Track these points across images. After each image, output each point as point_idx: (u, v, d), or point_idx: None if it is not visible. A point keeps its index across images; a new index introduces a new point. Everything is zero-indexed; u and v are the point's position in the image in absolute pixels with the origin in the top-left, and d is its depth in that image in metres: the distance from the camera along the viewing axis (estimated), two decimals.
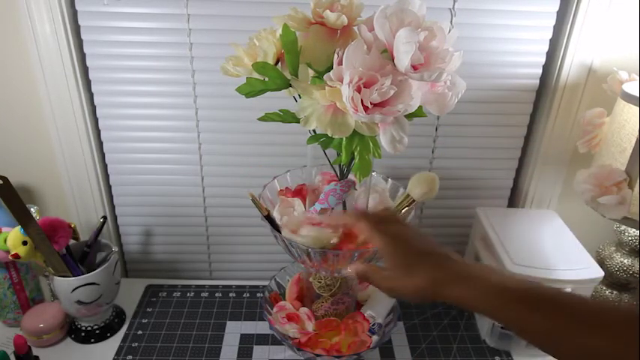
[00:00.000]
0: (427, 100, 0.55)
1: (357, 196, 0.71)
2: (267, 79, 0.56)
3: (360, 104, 0.48)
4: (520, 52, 0.88)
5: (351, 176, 0.66)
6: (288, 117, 0.57)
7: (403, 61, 0.47)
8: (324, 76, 0.52)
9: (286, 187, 0.75)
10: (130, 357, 0.83)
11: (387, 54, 0.50)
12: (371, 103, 0.49)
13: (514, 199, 1.03)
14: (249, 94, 0.58)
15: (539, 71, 0.90)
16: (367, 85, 0.48)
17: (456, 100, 0.56)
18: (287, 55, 0.55)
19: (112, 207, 1.02)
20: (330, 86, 0.51)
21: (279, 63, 0.58)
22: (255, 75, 0.56)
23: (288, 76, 0.56)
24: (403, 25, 0.48)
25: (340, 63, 0.50)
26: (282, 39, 0.54)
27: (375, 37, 0.50)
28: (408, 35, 0.46)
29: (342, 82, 0.49)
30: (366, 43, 0.51)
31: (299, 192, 0.73)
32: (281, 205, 0.71)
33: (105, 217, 0.89)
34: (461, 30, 0.55)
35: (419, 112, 0.56)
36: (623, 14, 0.83)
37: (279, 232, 0.65)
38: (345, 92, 0.48)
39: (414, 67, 0.48)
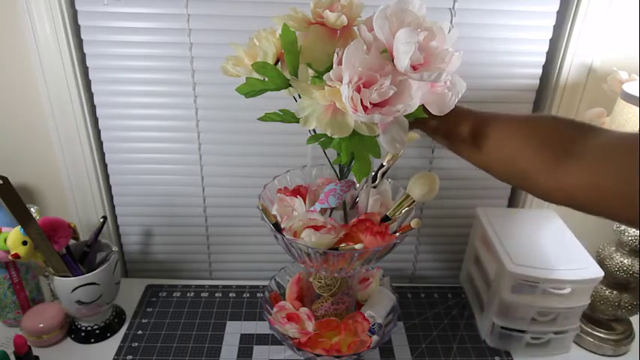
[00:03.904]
0: (427, 100, 0.55)
1: (357, 195, 0.71)
2: (266, 79, 0.56)
3: (360, 104, 0.48)
4: (520, 52, 0.88)
5: (351, 176, 0.66)
6: (288, 117, 0.57)
7: (403, 61, 0.47)
8: (324, 76, 0.52)
9: (285, 187, 0.75)
10: (130, 357, 0.83)
11: (387, 54, 0.50)
12: (370, 103, 0.49)
13: (514, 199, 1.03)
14: (249, 94, 0.58)
15: (539, 71, 0.90)
16: (367, 85, 0.48)
17: (456, 100, 0.56)
18: (287, 55, 0.55)
19: (112, 207, 1.02)
20: (330, 86, 0.51)
21: (279, 63, 0.57)
22: (255, 75, 0.56)
23: (288, 76, 0.55)
24: (403, 25, 0.48)
25: (340, 63, 0.50)
26: (282, 39, 0.54)
27: (374, 37, 0.50)
28: (407, 35, 0.46)
29: (341, 82, 0.49)
30: (366, 43, 0.51)
31: (297, 191, 0.73)
32: (279, 205, 0.70)
33: (105, 217, 0.89)
34: (461, 30, 0.55)
35: (419, 112, 0.56)
36: (623, 14, 0.83)
37: (281, 233, 0.65)
38: (344, 92, 0.48)
39: (414, 67, 0.48)
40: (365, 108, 0.48)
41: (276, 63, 0.57)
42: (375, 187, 0.71)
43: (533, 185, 0.50)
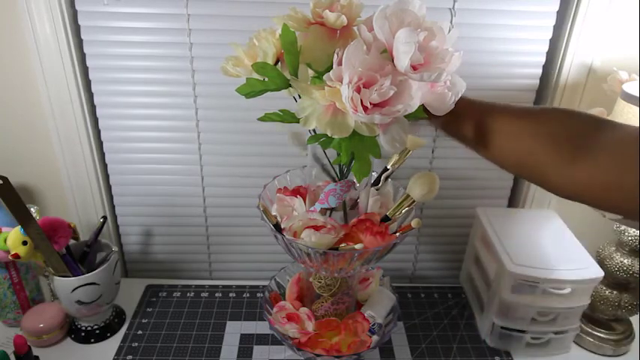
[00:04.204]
0: (427, 100, 0.55)
1: (357, 195, 0.71)
2: (266, 79, 0.56)
3: (360, 104, 0.48)
4: (520, 52, 0.88)
5: (351, 176, 0.66)
6: (288, 117, 0.57)
7: (402, 61, 0.47)
8: (324, 77, 0.52)
9: (284, 187, 0.75)
10: (130, 357, 0.83)
11: (387, 54, 0.50)
12: (370, 104, 0.49)
13: (514, 199, 1.03)
14: (249, 95, 0.58)
15: (539, 71, 0.90)
16: (367, 86, 0.48)
17: (456, 100, 0.56)
18: (287, 56, 0.55)
19: (112, 207, 1.02)
20: (330, 86, 0.51)
21: (279, 63, 0.57)
22: (255, 75, 0.56)
23: (288, 77, 0.55)
24: (403, 25, 0.48)
25: (340, 63, 0.50)
26: (281, 39, 0.54)
27: (374, 37, 0.50)
28: (407, 35, 0.46)
29: (341, 82, 0.49)
30: (366, 44, 0.51)
31: (296, 191, 0.73)
32: (279, 205, 0.70)
33: (105, 217, 0.89)
34: (461, 30, 0.55)
35: (419, 112, 0.56)
36: (623, 14, 0.83)
37: (281, 233, 0.65)
38: (344, 92, 0.48)
39: (414, 67, 0.48)
40: (365, 108, 0.48)
41: (276, 63, 0.57)
42: (378, 190, 0.71)
43: (546, 180, 0.49)
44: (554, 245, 0.87)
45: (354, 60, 0.48)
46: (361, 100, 0.48)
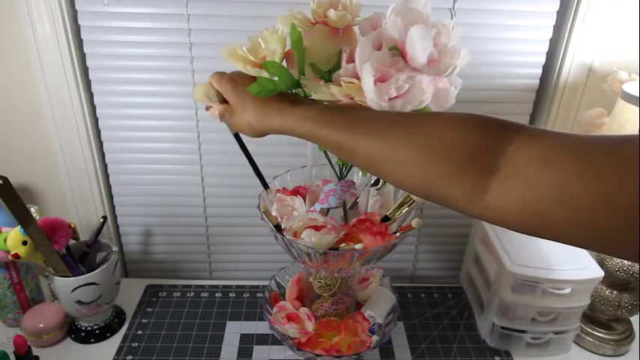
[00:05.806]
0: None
1: (358, 195, 0.71)
2: (277, 78, 0.56)
3: (386, 94, 0.48)
4: (520, 52, 0.88)
5: (351, 176, 0.66)
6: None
7: (421, 57, 0.47)
8: (340, 73, 0.51)
9: (283, 187, 0.75)
10: (130, 357, 0.83)
11: (395, 50, 0.50)
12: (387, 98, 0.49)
13: None
14: (260, 95, 0.57)
15: (539, 71, 0.90)
16: (382, 80, 0.48)
17: (454, 95, 0.56)
18: (296, 54, 0.54)
19: (112, 207, 1.02)
20: (348, 82, 0.50)
21: (285, 62, 0.57)
22: (265, 74, 0.56)
23: (296, 76, 0.55)
24: (409, 22, 0.48)
25: (350, 61, 0.50)
26: (291, 38, 0.54)
27: (380, 34, 0.50)
28: (423, 32, 0.46)
29: (355, 79, 0.49)
30: (372, 41, 0.51)
31: (296, 191, 0.73)
32: (279, 205, 0.70)
33: (105, 217, 0.89)
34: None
35: (424, 109, 0.56)
36: (623, 14, 0.83)
37: (281, 232, 0.65)
38: (368, 85, 0.48)
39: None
40: (389, 99, 0.49)
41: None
42: (378, 190, 0.71)
43: (462, 210, 0.42)
44: (554, 245, 0.86)
45: (367, 56, 0.48)
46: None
